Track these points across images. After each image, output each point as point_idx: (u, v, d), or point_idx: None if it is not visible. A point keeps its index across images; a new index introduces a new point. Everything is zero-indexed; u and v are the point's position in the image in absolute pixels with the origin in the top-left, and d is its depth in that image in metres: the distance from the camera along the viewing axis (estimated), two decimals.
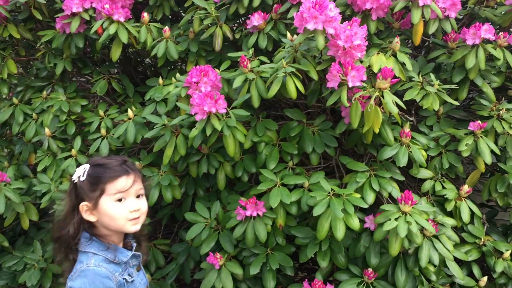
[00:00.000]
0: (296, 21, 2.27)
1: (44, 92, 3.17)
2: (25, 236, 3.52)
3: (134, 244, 1.80)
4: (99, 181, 1.62)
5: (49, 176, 2.97)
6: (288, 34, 2.49)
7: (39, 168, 3.01)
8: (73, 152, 2.91)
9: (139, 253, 1.77)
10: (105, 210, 1.62)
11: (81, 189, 1.62)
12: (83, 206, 1.63)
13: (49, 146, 3.04)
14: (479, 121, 2.46)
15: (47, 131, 3.01)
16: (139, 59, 3.89)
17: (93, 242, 1.65)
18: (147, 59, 3.93)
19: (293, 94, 2.32)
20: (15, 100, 3.20)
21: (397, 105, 2.23)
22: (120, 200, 1.64)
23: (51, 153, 3.07)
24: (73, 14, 2.87)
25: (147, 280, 1.85)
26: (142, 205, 1.69)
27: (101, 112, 2.99)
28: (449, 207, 2.46)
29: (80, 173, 1.62)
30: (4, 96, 3.61)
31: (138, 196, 1.69)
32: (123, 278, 1.62)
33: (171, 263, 2.96)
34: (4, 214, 2.88)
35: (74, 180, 1.63)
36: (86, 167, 1.64)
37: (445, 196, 2.49)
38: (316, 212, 2.24)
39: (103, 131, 2.89)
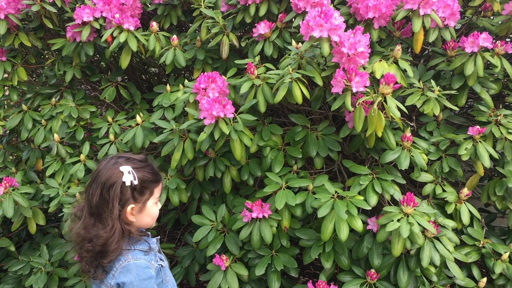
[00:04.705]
0: (302, 29, 2.35)
1: (53, 99, 3.22)
2: (31, 241, 3.55)
3: (148, 232, 1.82)
4: (150, 184, 1.65)
5: (57, 181, 3.02)
6: (293, 42, 2.56)
7: (48, 173, 3.05)
8: (82, 157, 2.96)
9: (159, 236, 1.80)
10: (149, 211, 1.67)
11: (131, 192, 1.61)
12: (131, 208, 1.62)
13: (58, 151, 3.08)
14: (478, 126, 2.53)
15: (56, 136, 3.06)
16: (142, 68, 3.95)
17: (124, 239, 1.65)
18: (152, 68, 4.00)
19: (299, 99, 2.38)
20: (24, 107, 3.25)
21: (399, 110, 2.30)
22: (156, 201, 1.71)
23: (59, 158, 3.12)
24: (84, 23, 2.95)
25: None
26: None
27: (109, 118, 3.05)
28: (449, 209, 2.52)
29: (130, 176, 1.59)
30: (12, 103, 3.66)
31: None
32: (159, 264, 1.66)
33: (176, 266, 3.00)
34: (12, 219, 2.92)
35: (125, 183, 1.58)
36: (129, 169, 1.59)
37: (445, 199, 2.54)
38: (320, 213, 2.29)
39: (111, 137, 2.94)
